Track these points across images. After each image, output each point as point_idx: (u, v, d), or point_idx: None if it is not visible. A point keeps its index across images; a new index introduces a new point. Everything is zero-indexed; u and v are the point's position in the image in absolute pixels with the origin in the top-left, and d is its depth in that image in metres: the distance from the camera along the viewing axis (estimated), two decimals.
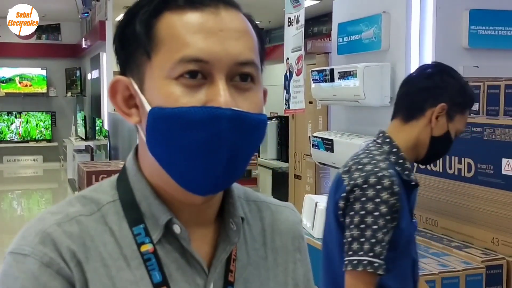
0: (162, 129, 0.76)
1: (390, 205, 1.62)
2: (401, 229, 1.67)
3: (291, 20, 4.38)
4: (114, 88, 0.83)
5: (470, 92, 1.86)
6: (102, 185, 0.87)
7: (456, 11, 3.32)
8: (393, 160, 1.74)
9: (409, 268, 1.79)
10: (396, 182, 1.64)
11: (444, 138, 1.79)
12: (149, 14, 0.78)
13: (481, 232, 2.63)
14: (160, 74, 0.77)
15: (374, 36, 3.57)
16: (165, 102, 0.76)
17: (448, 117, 1.78)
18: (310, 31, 10.89)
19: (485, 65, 3.32)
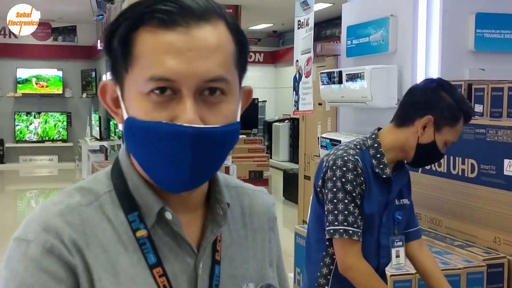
0: (134, 137, 0.85)
1: (356, 184, 1.93)
2: (364, 207, 1.95)
3: (301, 22, 4.45)
4: (103, 89, 0.91)
5: (463, 107, 1.99)
6: (97, 176, 0.94)
7: (462, 15, 3.37)
8: (372, 153, 2.00)
9: (372, 247, 2.02)
10: (359, 166, 1.94)
11: (429, 146, 1.99)
12: (126, 31, 0.84)
13: (484, 232, 2.68)
14: (134, 88, 0.84)
15: (382, 39, 3.63)
16: (138, 114, 0.83)
17: (436, 128, 1.97)
18: (323, 33, 10.95)
19: (491, 68, 3.37)
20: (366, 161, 1.98)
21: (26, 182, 12.04)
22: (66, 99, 13.23)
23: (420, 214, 3.06)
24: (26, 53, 12.74)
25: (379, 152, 2.00)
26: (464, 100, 2.03)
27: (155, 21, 0.82)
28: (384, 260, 2.06)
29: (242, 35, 0.89)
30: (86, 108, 13.08)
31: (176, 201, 0.91)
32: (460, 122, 1.98)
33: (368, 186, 1.96)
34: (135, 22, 0.84)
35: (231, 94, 0.86)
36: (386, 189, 2.01)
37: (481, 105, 2.92)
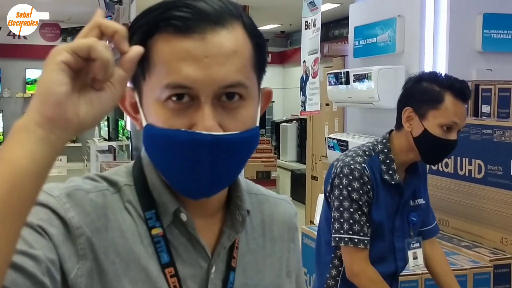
0: (154, 144, 0.85)
1: (362, 192, 1.92)
2: (372, 214, 1.95)
3: (308, 23, 4.45)
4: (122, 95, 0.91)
5: (445, 83, 1.89)
6: (119, 170, 0.94)
7: (469, 15, 3.36)
8: (382, 158, 1.98)
9: (387, 252, 2.02)
10: (366, 174, 1.93)
11: (425, 136, 1.91)
12: (142, 38, 0.83)
13: (491, 232, 2.68)
14: (151, 95, 0.83)
15: (389, 40, 3.63)
16: (156, 121, 0.83)
17: (420, 116, 1.91)
18: (331, 33, 10.94)
19: (499, 69, 3.36)
20: (374, 168, 1.96)
21: None
22: None
23: None
24: (35, 54, 12.80)
25: (389, 157, 1.98)
26: (445, 77, 1.93)
27: (170, 28, 0.81)
28: (402, 263, 2.05)
29: (259, 36, 0.88)
30: None
31: (193, 205, 0.91)
32: (445, 101, 1.87)
33: (376, 193, 1.95)
34: (150, 29, 0.83)
35: (250, 98, 0.85)
36: (397, 194, 1.99)
37: (488, 106, 2.91)
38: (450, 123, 1.88)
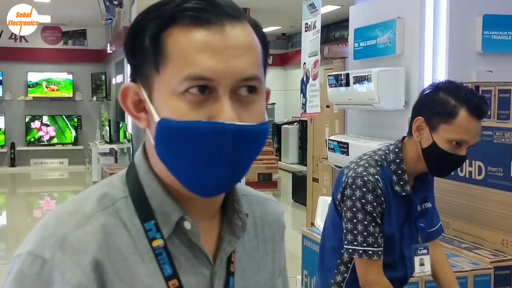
0: (170, 139, 0.81)
1: (376, 204, 1.89)
2: (384, 227, 1.92)
3: (308, 25, 4.45)
4: (124, 93, 0.88)
5: (462, 98, 1.83)
6: (112, 180, 0.90)
7: (469, 17, 3.36)
8: (393, 168, 1.94)
9: (397, 260, 2.00)
10: (380, 186, 1.89)
11: (432, 149, 1.87)
12: (157, 30, 0.82)
13: (491, 234, 2.67)
14: (167, 88, 0.81)
15: (389, 41, 3.63)
16: (172, 115, 0.80)
17: (431, 128, 1.87)
18: (332, 35, 10.95)
19: (499, 70, 3.35)
20: (386, 179, 1.93)
21: (37, 185, 12.11)
22: (76, 102, 13.30)
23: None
24: (36, 57, 12.83)
25: (400, 168, 1.94)
26: (463, 91, 1.85)
27: (187, 19, 0.80)
28: (411, 270, 2.05)
29: (265, 36, 0.89)
30: (96, 111, 13.15)
31: (196, 209, 0.89)
32: (459, 116, 1.81)
33: (388, 205, 1.93)
34: (165, 20, 0.81)
35: (262, 93, 0.85)
36: (407, 204, 1.97)
37: (489, 108, 2.91)
38: (460, 139, 1.84)
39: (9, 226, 8.34)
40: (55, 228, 0.83)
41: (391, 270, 1.97)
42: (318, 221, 3.12)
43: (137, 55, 0.85)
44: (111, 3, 7.23)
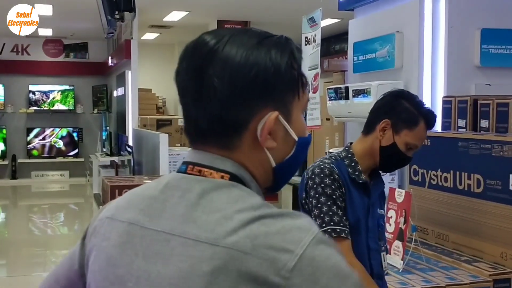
0: (300, 153, 1.01)
1: (334, 187, 2.06)
2: (348, 213, 2.08)
3: (308, 39, 4.49)
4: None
5: (422, 111, 2.15)
6: (250, 198, 0.91)
7: (468, 30, 3.39)
8: (347, 163, 2.16)
9: (363, 250, 2.11)
10: (336, 172, 2.08)
11: (391, 148, 2.14)
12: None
13: (490, 247, 2.68)
14: (300, 111, 1.00)
15: (388, 55, 3.66)
16: (301, 132, 1.00)
17: (394, 131, 2.13)
18: (332, 48, 11.00)
19: (497, 83, 3.38)
20: (342, 170, 2.12)
21: (38, 197, 12.12)
22: (77, 115, 13.34)
23: (427, 229, 3.06)
24: (38, 70, 12.88)
25: (353, 161, 2.16)
26: (423, 105, 2.19)
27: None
28: (375, 263, 2.14)
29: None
30: (97, 123, 13.18)
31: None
32: (419, 125, 2.12)
33: (348, 191, 2.10)
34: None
35: None
36: (365, 194, 2.15)
37: (487, 120, 2.93)
38: (413, 144, 2.15)
39: (10, 238, 8.34)
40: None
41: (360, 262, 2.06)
42: None
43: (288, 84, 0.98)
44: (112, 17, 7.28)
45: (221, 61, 0.91)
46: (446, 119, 3.18)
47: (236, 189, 0.92)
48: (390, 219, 2.73)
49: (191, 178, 0.94)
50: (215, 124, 0.92)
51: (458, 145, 2.85)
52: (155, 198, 0.96)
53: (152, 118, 9.81)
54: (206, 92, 0.91)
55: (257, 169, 0.97)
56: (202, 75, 0.91)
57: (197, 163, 0.94)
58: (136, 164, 7.78)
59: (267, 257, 0.82)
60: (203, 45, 0.93)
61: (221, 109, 0.91)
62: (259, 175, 0.97)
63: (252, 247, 0.83)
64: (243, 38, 0.93)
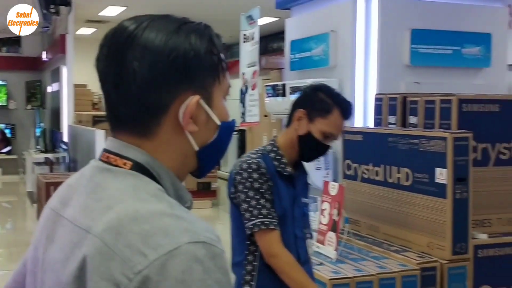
0: (227, 135, 1.03)
1: (262, 181, 2.16)
2: (275, 204, 2.19)
3: (246, 36, 4.55)
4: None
5: (336, 100, 2.27)
6: (150, 195, 0.90)
7: (398, 31, 3.54)
8: (272, 156, 2.26)
9: (291, 239, 2.24)
10: (263, 166, 2.18)
11: (307, 136, 2.26)
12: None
13: (418, 237, 2.82)
14: (221, 94, 1.02)
15: (323, 54, 3.77)
16: (224, 117, 1.01)
17: (309, 120, 2.25)
18: (270, 46, 11.13)
19: (426, 82, 3.54)
20: (268, 163, 2.22)
21: None
22: (10, 111, 12.95)
23: (360, 221, 3.18)
24: None
25: (278, 154, 2.26)
26: (339, 95, 2.32)
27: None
28: (302, 251, 2.26)
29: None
30: (31, 120, 12.84)
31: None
32: (333, 114, 2.23)
33: (275, 183, 2.20)
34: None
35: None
36: (291, 185, 2.27)
37: (416, 117, 3.07)
38: (329, 133, 2.25)
39: None
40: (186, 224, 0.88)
41: (287, 249, 2.18)
42: None
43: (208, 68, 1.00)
44: (48, 11, 7.13)
45: (141, 45, 0.91)
46: (378, 115, 3.31)
47: (132, 178, 0.92)
48: (324, 211, 2.83)
49: (99, 165, 0.96)
50: (134, 109, 0.93)
51: (388, 140, 2.97)
52: (71, 186, 1.00)
53: (88, 114, 9.65)
54: (126, 77, 0.91)
55: (176, 155, 0.97)
56: (122, 60, 0.92)
57: (108, 150, 0.96)
58: (72, 161, 7.63)
59: (122, 255, 0.82)
60: (122, 30, 0.94)
61: (141, 93, 0.91)
62: (178, 162, 0.97)
63: (114, 241, 0.83)
64: (163, 23, 0.94)
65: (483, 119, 2.87)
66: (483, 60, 3.71)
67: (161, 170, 0.95)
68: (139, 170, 0.93)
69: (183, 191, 0.98)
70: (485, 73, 3.74)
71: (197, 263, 0.81)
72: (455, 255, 2.65)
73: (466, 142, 2.65)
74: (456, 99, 2.82)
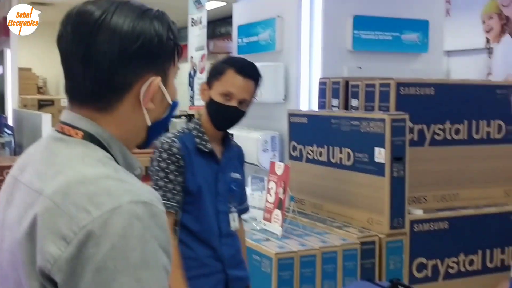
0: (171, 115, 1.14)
1: (170, 162, 2.20)
2: (188, 180, 2.23)
3: (194, 20, 4.61)
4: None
5: (228, 62, 2.31)
6: (89, 157, 1.01)
7: (341, 17, 3.67)
8: (195, 133, 2.31)
9: (211, 214, 2.29)
10: (176, 146, 2.21)
11: (210, 102, 2.29)
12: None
13: (359, 213, 2.97)
14: (173, 76, 1.13)
15: (270, 38, 3.87)
16: (175, 96, 1.13)
17: (209, 87, 2.30)
18: (218, 31, 11.15)
19: (368, 66, 3.70)
20: (188, 141, 2.26)
21: None
22: None
23: (305, 200, 3.32)
24: None
25: (200, 131, 2.30)
26: (235, 58, 2.43)
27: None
28: (223, 225, 2.32)
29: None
30: None
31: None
32: (226, 73, 2.25)
33: (191, 161, 2.24)
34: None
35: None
36: (213, 162, 2.31)
37: (357, 100, 3.21)
38: (227, 92, 2.25)
39: None
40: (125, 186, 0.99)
41: (205, 223, 2.27)
42: None
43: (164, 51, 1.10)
44: None
45: (110, 30, 1.00)
46: (322, 99, 3.45)
47: (81, 146, 1.02)
48: (270, 190, 2.95)
49: (53, 135, 1.06)
50: (101, 86, 1.02)
51: (331, 122, 3.11)
52: (29, 154, 1.11)
53: (33, 98, 9.50)
54: (96, 57, 1.00)
55: (130, 128, 1.08)
56: (91, 42, 1.00)
57: (63, 122, 1.06)
58: (17, 145, 7.53)
59: (68, 212, 0.92)
60: (89, 14, 1.02)
61: (110, 73, 1.01)
62: (130, 134, 1.09)
63: (62, 201, 0.93)
64: (127, 9, 1.04)
65: (420, 102, 3.03)
66: (421, 46, 3.89)
67: (111, 140, 1.05)
68: (89, 139, 1.03)
69: (133, 159, 1.09)
70: (423, 58, 3.92)
71: (137, 220, 0.92)
72: (392, 229, 2.82)
73: (403, 123, 2.81)
74: (394, 82, 2.97)
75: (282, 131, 3.71)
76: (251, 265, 2.68)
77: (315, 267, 2.63)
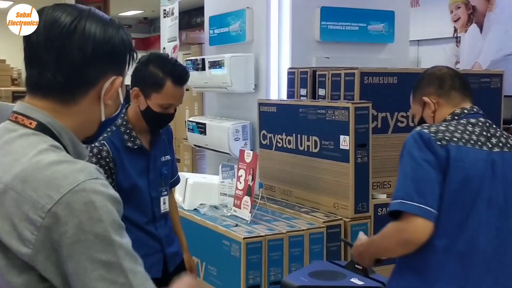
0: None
1: (99, 165, 2.19)
2: (120, 179, 2.29)
3: (167, 12, 4.67)
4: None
5: (167, 71, 2.28)
6: (41, 145, 1.08)
7: (309, 8, 3.76)
8: (123, 130, 2.35)
9: (146, 203, 2.40)
10: (105, 149, 2.26)
11: (147, 111, 2.32)
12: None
13: (326, 199, 3.08)
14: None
15: (240, 29, 3.95)
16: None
17: (145, 96, 2.32)
18: (194, 21, 11.18)
19: (335, 56, 3.79)
20: (116, 141, 2.31)
21: None
22: None
23: (275, 186, 3.43)
24: None
25: (128, 128, 2.35)
26: (169, 64, 2.32)
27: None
28: (157, 209, 2.44)
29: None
30: None
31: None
32: (165, 86, 2.28)
33: (120, 162, 2.30)
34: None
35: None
36: (144, 155, 2.39)
37: (324, 89, 3.31)
38: (167, 104, 2.31)
39: None
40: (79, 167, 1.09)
41: (141, 214, 2.37)
42: (177, 195, 3.37)
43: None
44: None
45: (83, 34, 1.13)
46: (291, 88, 3.54)
47: (34, 136, 1.11)
48: (240, 177, 3.05)
49: (7, 126, 1.14)
50: (72, 80, 1.14)
51: (299, 111, 3.20)
52: None
53: (7, 90, 9.42)
54: (71, 55, 1.12)
55: (84, 120, 1.19)
56: (67, 42, 1.12)
57: (17, 112, 1.14)
58: None
59: (30, 199, 1.01)
60: (63, 18, 1.13)
61: (81, 70, 1.13)
62: (82, 126, 1.19)
63: (22, 188, 1.02)
64: (96, 17, 1.16)
65: (383, 90, 3.14)
66: (387, 36, 4.00)
67: (62, 129, 1.15)
68: (41, 128, 1.12)
69: (82, 148, 1.20)
70: (389, 48, 4.03)
71: (96, 193, 1.02)
72: (357, 213, 2.93)
73: (366, 111, 2.92)
74: (359, 72, 3.08)
75: (253, 120, 3.80)
76: (220, 250, 2.79)
77: (282, 250, 2.74)
